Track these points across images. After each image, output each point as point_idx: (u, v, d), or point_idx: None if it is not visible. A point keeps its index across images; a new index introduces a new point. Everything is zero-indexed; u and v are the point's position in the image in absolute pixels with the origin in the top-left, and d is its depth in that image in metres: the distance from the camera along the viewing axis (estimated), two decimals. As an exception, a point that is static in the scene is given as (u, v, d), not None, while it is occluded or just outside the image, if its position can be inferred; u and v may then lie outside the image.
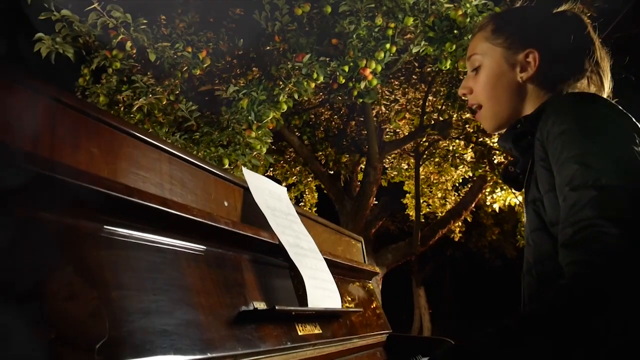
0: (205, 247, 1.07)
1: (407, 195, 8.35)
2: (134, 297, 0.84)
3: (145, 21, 3.55)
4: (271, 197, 1.50)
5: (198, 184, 1.20)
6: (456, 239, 8.06)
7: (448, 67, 3.63)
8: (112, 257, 0.85)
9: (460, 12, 3.45)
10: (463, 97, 1.33)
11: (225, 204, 1.29)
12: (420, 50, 3.79)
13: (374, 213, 7.20)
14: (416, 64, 6.25)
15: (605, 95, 1.21)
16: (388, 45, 3.87)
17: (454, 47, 3.49)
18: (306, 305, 1.31)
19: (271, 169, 7.08)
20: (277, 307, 1.10)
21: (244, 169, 1.42)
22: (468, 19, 3.44)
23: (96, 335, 0.74)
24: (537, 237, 1.08)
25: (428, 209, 8.23)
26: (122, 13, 3.28)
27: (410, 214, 8.34)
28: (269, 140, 3.87)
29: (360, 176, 7.20)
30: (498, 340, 0.82)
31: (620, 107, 1.03)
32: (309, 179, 7.57)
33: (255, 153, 3.82)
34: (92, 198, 0.80)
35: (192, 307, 0.96)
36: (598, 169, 0.89)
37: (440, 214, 8.07)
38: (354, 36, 3.88)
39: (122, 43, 3.60)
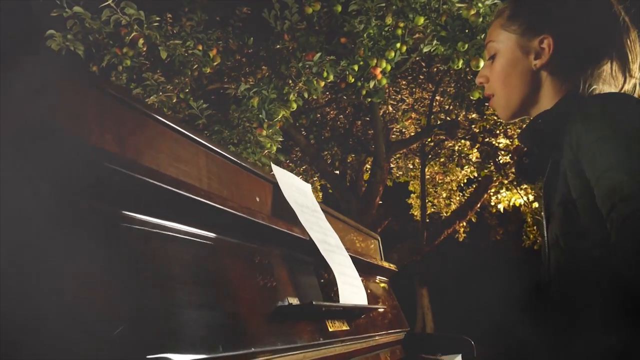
0: (242, 242, 1.07)
1: (412, 195, 8.35)
2: (174, 290, 0.84)
3: (158, 18, 3.55)
4: (298, 193, 1.50)
5: (232, 179, 1.20)
6: (461, 239, 8.05)
7: (460, 66, 3.62)
8: (151, 249, 0.85)
9: (472, 12, 3.44)
10: (480, 85, 1.31)
11: (257, 199, 1.29)
12: (432, 50, 3.79)
13: (379, 213, 7.19)
14: (423, 64, 6.24)
15: (633, 81, 1.17)
16: (399, 45, 3.86)
17: (466, 46, 3.48)
18: (337, 301, 1.31)
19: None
20: (314, 303, 1.10)
21: (273, 165, 1.42)
22: (480, 19, 3.43)
23: (143, 327, 0.74)
24: (569, 240, 1.06)
25: (433, 209, 8.22)
26: (135, 10, 3.28)
27: (415, 213, 8.33)
28: (280, 139, 3.87)
29: (366, 176, 7.19)
30: None
31: None
32: (314, 178, 7.56)
33: (265, 151, 3.82)
34: (140, 189, 0.80)
35: (232, 300, 0.96)
36: None
37: (445, 214, 8.07)
38: (365, 35, 3.87)
39: (134, 40, 3.60)
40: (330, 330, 1.31)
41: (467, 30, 3.53)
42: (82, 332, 0.66)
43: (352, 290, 1.43)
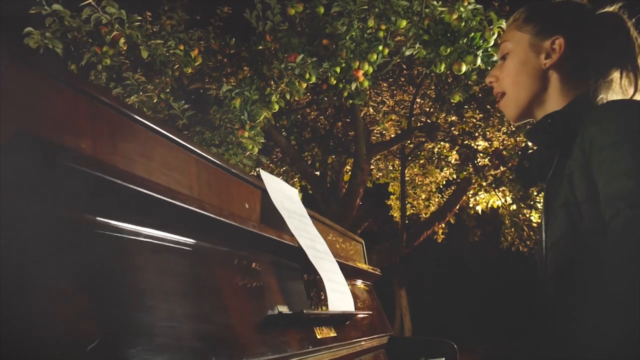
0: (232, 250, 1.06)
1: (392, 196, 8.39)
2: (166, 301, 0.83)
3: (139, 18, 3.51)
4: (286, 198, 1.49)
5: (222, 185, 1.18)
6: (439, 241, 8.11)
7: (442, 70, 3.64)
8: (142, 260, 0.83)
9: (455, 16, 3.47)
10: (490, 85, 1.33)
11: (246, 205, 1.28)
12: (414, 53, 3.81)
13: (359, 214, 7.20)
14: (404, 66, 6.27)
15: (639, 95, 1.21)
16: (381, 47, 3.87)
17: (449, 50, 3.50)
18: (326, 308, 1.31)
19: (258, 169, 7.05)
20: (305, 312, 1.09)
21: (261, 171, 1.41)
22: (463, 23, 3.46)
23: (130, 337, 0.73)
24: (570, 242, 1.07)
25: (412, 211, 8.26)
26: (117, 9, 3.23)
27: (395, 215, 8.37)
28: (262, 140, 3.85)
29: (346, 177, 7.20)
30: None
31: None
32: (295, 180, 7.54)
33: (247, 153, 3.80)
34: (133, 198, 0.78)
35: (222, 310, 0.94)
36: None
37: (424, 216, 8.12)
38: (347, 37, 3.88)
39: (115, 39, 3.55)
40: (318, 337, 1.31)
41: (449, 35, 3.55)
42: (59, 343, 0.64)
43: (340, 296, 1.42)
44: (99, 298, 0.71)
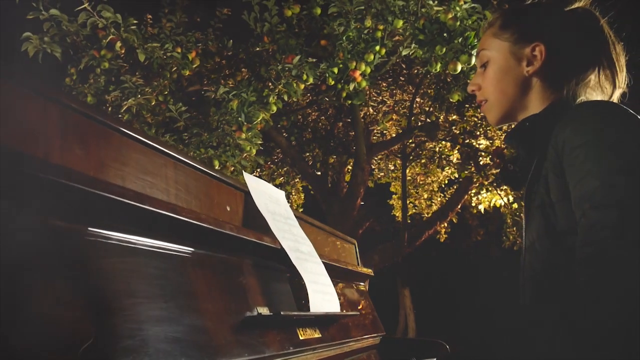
0: (211, 253, 1.07)
1: (394, 196, 8.39)
2: (140, 305, 0.84)
3: (135, 21, 3.53)
4: (271, 201, 1.50)
5: (201, 188, 1.20)
6: (442, 240, 8.11)
7: (438, 70, 3.64)
8: (117, 263, 0.84)
9: (450, 16, 3.47)
10: (472, 93, 1.34)
11: (228, 208, 1.29)
12: (410, 53, 3.81)
13: (360, 214, 7.21)
14: (404, 66, 6.28)
15: (619, 91, 1.21)
16: (377, 48, 3.88)
17: (444, 50, 3.50)
18: (308, 309, 1.32)
19: (258, 170, 7.07)
20: (282, 313, 1.11)
21: (245, 174, 1.42)
22: (458, 23, 3.46)
23: (105, 342, 0.74)
24: (545, 243, 1.08)
25: (414, 210, 8.26)
26: (112, 13, 3.25)
27: (397, 215, 8.37)
28: (259, 142, 3.86)
29: (347, 177, 7.21)
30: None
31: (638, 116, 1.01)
32: (296, 180, 7.56)
33: (245, 154, 3.81)
34: (102, 204, 0.80)
35: (198, 313, 0.96)
36: (622, 187, 0.88)
37: (426, 215, 8.12)
38: (344, 38, 3.89)
39: (112, 43, 3.57)
40: (301, 338, 1.32)
41: (444, 34, 3.55)
42: (45, 349, 0.66)
43: (323, 297, 1.43)
44: (79, 302, 0.72)
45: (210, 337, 0.94)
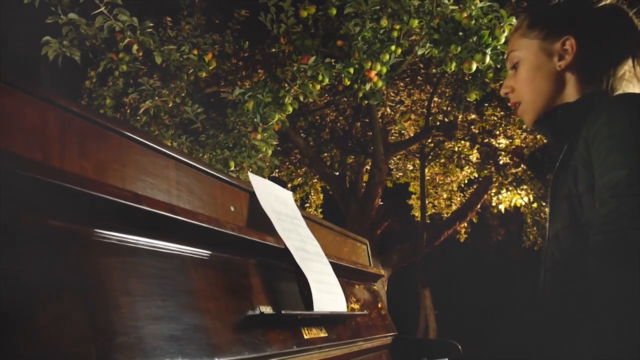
0: (212, 253, 1.08)
1: (413, 196, 8.36)
2: (142, 303, 0.86)
3: (151, 24, 3.58)
4: (277, 201, 1.51)
5: (205, 189, 1.21)
6: (462, 240, 8.05)
7: (453, 69, 3.63)
8: (120, 264, 0.86)
9: (465, 14, 3.45)
10: (505, 96, 1.33)
11: (232, 208, 1.31)
12: (425, 52, 3.80)
13: (379, 214, 7.20)
14: (421, 65, 6.25)
15: None
16: (393, 47, 3.87)
17: (459, 49, 3.48)
18: (312, 309, 1.33)
19: (277, 171, 7.10)
20: (283, 312, 1.11)
21: (250, 174, 1.43)
22: (473, 21, 3.44)
23: (107, 341, 0.76)
24: (569, 234, 1.07)
25: (434, 210, 8.22)
26: (128, 17, 3.30)
27: (416, 214, 8.34)
28: (275, 142, 3.89)
29: (365, 177, 7.20)
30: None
31: None
32: (314, 180, 7.57)
33: (261, 155, 3.84)
34: (102, 206, 0.82)
35: (201, 312, 0.97)
36: None
37: (445, 215, 8.07)
38: (359, 38, 3.89)
39: (129, 46, 3.62)
40: (306, 337, 1.32)
41: (460, 33, 3.53)
42: (43, 348, 0.67)
43: (329, 297, 1.44)
44: (82, 302, 0.74)
45: (210, 335, 0.95)
